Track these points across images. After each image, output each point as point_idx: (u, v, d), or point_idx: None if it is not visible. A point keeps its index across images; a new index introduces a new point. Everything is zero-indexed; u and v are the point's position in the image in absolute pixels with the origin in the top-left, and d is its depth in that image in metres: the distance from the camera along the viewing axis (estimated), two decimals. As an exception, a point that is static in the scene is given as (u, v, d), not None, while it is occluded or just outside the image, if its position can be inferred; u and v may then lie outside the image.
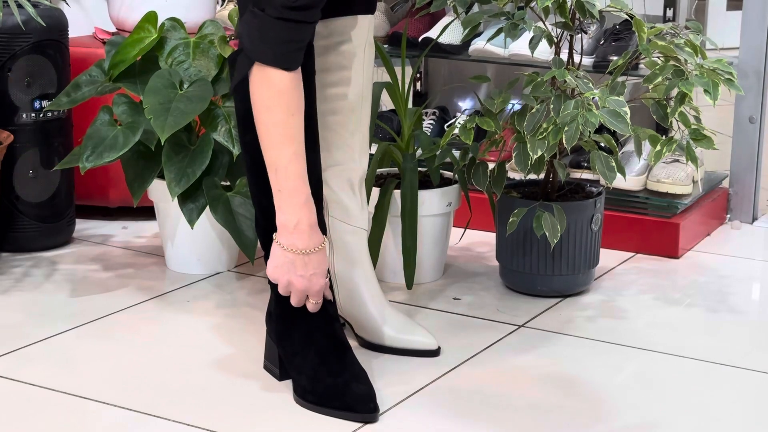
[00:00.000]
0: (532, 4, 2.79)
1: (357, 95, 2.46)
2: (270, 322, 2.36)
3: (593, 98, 2.61)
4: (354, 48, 2.44)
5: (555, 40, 2.82)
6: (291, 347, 2.30)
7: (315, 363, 2.27)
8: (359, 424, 2.19)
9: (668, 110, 2.69)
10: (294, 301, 2.26)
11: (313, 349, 2.28)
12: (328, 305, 2.31)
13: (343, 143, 2.48)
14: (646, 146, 2.97)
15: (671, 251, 3.21)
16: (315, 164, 2.29)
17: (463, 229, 3.09)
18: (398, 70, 2.90)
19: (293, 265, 2.23)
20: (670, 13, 3.41)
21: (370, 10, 2.47)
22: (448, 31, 3.51)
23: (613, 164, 2.71)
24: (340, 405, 2.23)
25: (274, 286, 2.30)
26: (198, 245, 2.98)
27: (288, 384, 2.33)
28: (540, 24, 2.79)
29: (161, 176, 2.87)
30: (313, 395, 2.25)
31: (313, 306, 2.27)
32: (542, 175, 2.88)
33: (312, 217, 2.22)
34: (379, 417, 2.22)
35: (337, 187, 2.48)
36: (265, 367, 2.41)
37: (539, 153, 2.61)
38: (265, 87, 2.17)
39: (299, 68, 2.19)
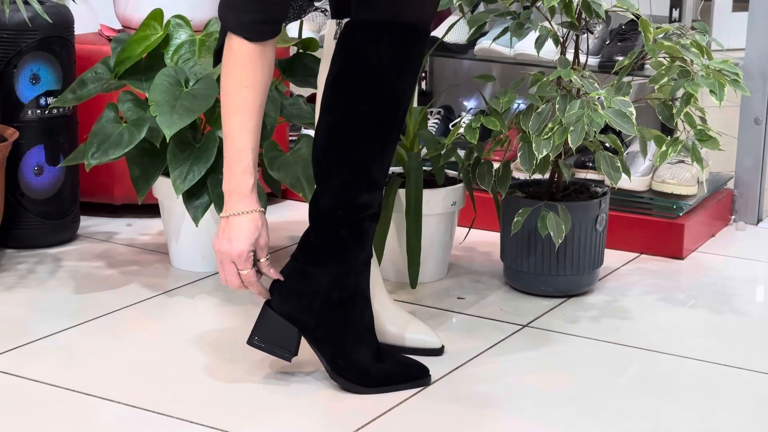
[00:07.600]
0: (538, 3, 2.79)
1: None
2: (310, 312, 2.29)
3: (599, 98, 2.61)
4: None
5: (561, 39, 2.82)
6: (345, 337, 2.30)
7: (369, 350, 2.31)
8: (365, 421, 2.19)
9: (674, 111, 2.69)
10: (220, 271, 2.25)
11: (367, 336, 2.32)
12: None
13: None
14: (652, 147, 2.97)
15: (676, 252, 3.20)
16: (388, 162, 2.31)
17: (467, 229, 3.09)
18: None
19: (219, 229, 2.26)
20: (676, 13, 3.40)
21: None
22: (453, 31, 3.51)
23: (618, 164, 2.71)
24: (401, 378, 2.33)
25: (326, 277, 2.28)
26: (202, 243, 2.98)
27: (291, 381, 2.33)
28: (546, 24, 2.79)
29: (166, 173, 2.87)
30: (377, 378, 2.31)
31: (233, 282, 2.25)
32: (547, 175, 2.88)
33: (246, 186, 2.22)
34: (382, 416, 2.22)
35: None
36: (265, 348, 2.31)
37: (544, 153, 2.61)
38: (226, 53, 2.21)
39: (268, 42, 2.20)
